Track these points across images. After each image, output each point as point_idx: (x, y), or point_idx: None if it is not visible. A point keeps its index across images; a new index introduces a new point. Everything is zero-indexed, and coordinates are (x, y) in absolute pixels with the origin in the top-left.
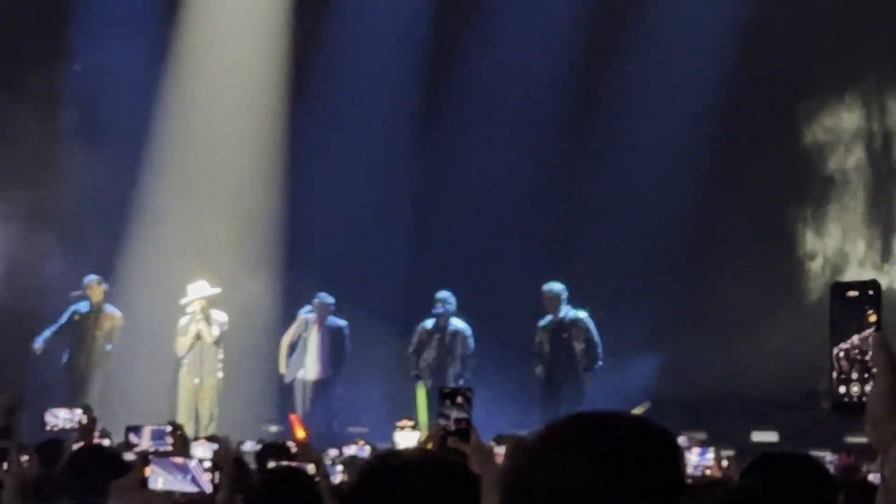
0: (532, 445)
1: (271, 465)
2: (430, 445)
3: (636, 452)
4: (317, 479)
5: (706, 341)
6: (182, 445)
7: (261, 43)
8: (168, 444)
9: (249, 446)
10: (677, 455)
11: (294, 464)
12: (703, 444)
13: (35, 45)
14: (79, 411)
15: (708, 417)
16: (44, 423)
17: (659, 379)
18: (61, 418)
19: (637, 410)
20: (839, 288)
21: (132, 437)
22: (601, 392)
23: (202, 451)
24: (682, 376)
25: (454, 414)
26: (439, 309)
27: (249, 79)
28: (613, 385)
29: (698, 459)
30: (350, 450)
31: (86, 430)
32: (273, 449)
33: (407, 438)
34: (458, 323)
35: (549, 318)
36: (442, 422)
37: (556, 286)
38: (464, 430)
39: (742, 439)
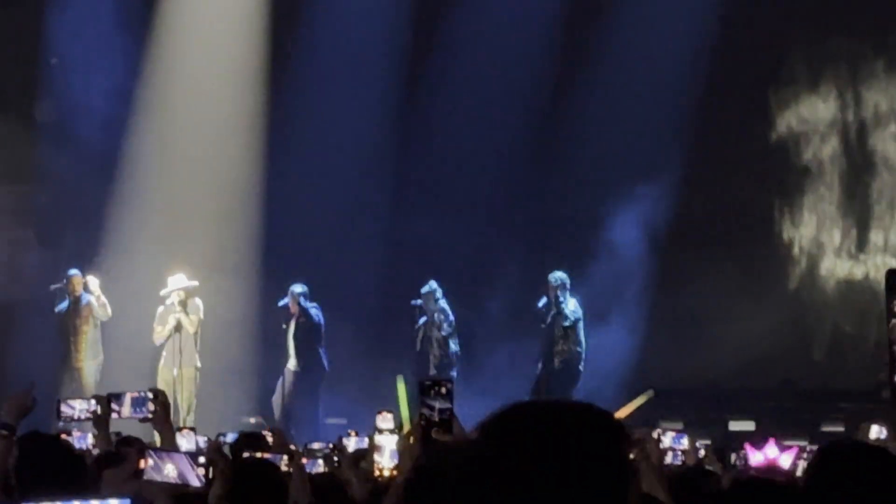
0: (474, 439)
1: (245, 455)
2: (412, 438)
3: (577, 439)
4: (289, 469)
5: (682, 331)
6: (164, 413)
7: (238, 35)
8: (148, 412)
9: (231, 438)
10: (619, 438)
11: (267, 455)
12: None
13: (12, 38)
14: (93, 402)
15: (685, 407)
16: (59, 414)
17: (636, 369)
18: (77, 409)
19: (640, 399)
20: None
21: (114, 405)
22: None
23: (186, 442)
24: (658, 367)
25: (438, 404)
26: (418, 301)
27: (227, 71)
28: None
29: (672, 443)
30: (350, 442)
31: (100, 421)
32: (249, 439)
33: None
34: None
35: (547, 302)
36: (426, 412)
37: (561, 274)
38: (446, 421)
39: (720, 428)
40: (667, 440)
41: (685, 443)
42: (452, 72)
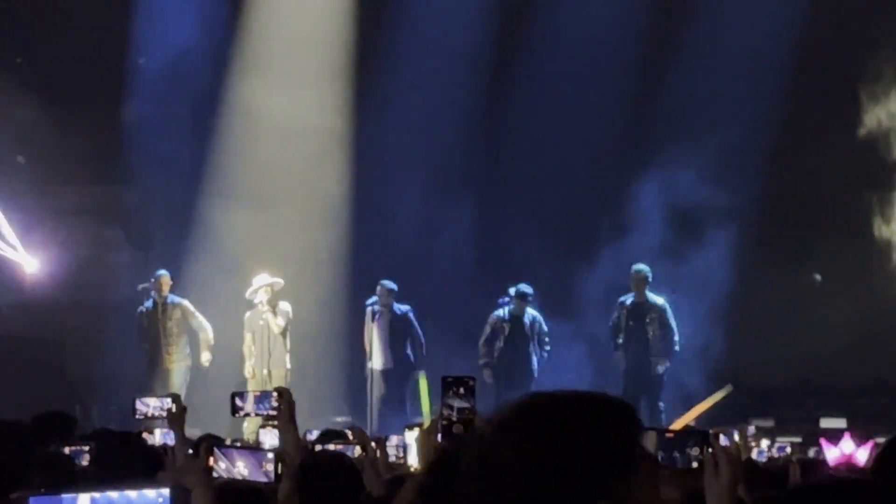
0: (486, 430)
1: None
2: (432, 435)
3: (584, 429)
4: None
5: (774, 328)
6: (288, 412)
7: (325, 29)
8: (270, 409)
9: (314, 435)
10: (630, 427)
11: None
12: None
13: (100, 38)
14: (168, 400)
15: (776, 405)
16: (134, 411)
17: (727, 367)
18: (151, 406)
19: (719, 394)
20: None
21: (238, 402)
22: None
23: (270, 438)
24: (750, 364)
25: (457, 403)
26: (505, 299)
27: (314, 72)
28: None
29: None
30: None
31: (174, 419)
32: (330, 436)
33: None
34: (533, 312)
35: (631, 297)
36: (445, 412)
37: (644, 267)
38: (467, 420)
39: (810, 426)
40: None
41: (736, 438)
42: (539, 72)
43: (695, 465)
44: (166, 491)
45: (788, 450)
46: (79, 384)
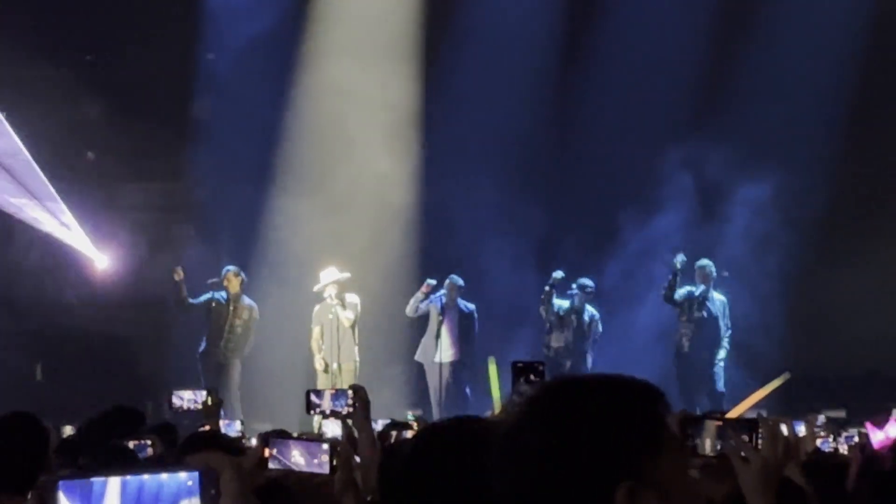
0: (512, 415)
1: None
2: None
3: (615, 410)
4: None
5: (846, 318)
6: (363, 409)
7: (392, 31)
8: (346, 407)
9: (380, 426)
10: (660, 408)
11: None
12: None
13: (169, 34)
14: (203, 393)
15: (847, 395)
16: (170, 404)
17: (799, 357)
18: (186, 399)
19: (776, 382)
20: None
21: (314, 399)
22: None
23: (332, 428)
24: (820, 354)
25: (528, 390)
26: (575, 297)
27: (382, 66)
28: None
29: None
30: None
31: (210, 412)
32: (396, 427)
33: None
34: (591, 309)
35: (701, 287)
36: (516, 398)
37: (709, 262)
38: None
39: (884, 416)
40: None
41: (802, 430)
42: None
43: (742, 454)
44: (196, 474)
45: (856, 439)
46: (149, 380)
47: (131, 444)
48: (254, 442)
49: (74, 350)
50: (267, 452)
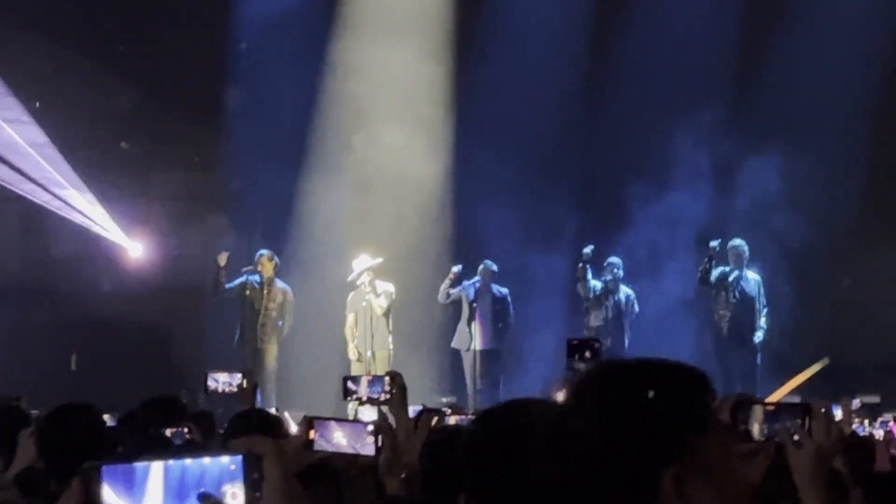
0: (560, 402)
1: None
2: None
3: (660, 393)
4: None
5: (881, 303)
6: (400, 395)
7: (424, 12)
8: (384, 393)
9: (412, 412)
10: (705, 392)
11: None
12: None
13: (201, 23)
14: (238, 375)
15: (882, 380)
16: (205, 387)
17: (832, 341)
18: (221, 382)
19: (816, 367)
20: None
21: (351, 385)
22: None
23: (368, 414)
24: (855, 340)
25: (583, 368)
26: (608, 276)
27: (415, 57)
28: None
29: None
30: None
31: (246, 395)
32: (429, 413)
33: None
34: (626, 289)
35: (735, 272)
36: (569, 376)
37: (742, 242)
38: None
39: None
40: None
41: (838, 413)
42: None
43: (795, 437)
44: (239, 458)
45: (891, 424)
46: (185, 369)
47: (168, 433)
48: (293, 429)
49: (109, 340)
50: (311, 434)
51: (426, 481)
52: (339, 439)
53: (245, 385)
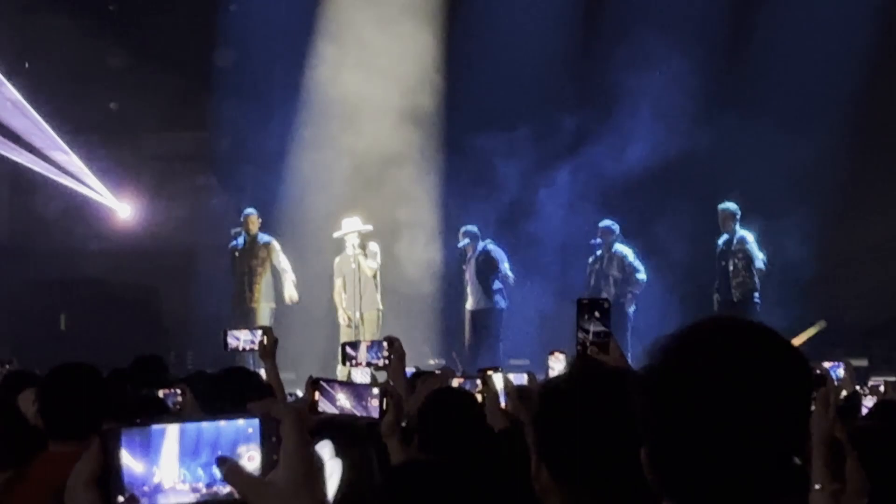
0: (671, 346)
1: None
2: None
3: (767, 362)
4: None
5: (872, 269)
6: (399, 361)
7: None
8: (383, 358)
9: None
10: (803, 363)
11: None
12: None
13: None
14: (259, 332)
15: (870, 344)
16: (225, 345)
17: (821, 304)
18: (242, 339)
19: (812, 330)
20: None
21: (350, 351)
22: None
23: (361, 376)
24: (845, 302)
25: (592, 327)
26: (598, 240)
27: (404, 18)
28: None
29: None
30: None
31: (266, 353)
32: (423, 376)
33: (558, 363)
34: (618, 247)
35: (724, 236)
36: (580, 335)
37: (731, 205)
38: (604, 344)
39: None
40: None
41: (841, 372)
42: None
43: None
44: (256, 421)
45: (882, 388)
46: (173, 329)
47: (161, 394)
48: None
49: (97, 300)
50: (317, 395)
51: (426, 440)
52: (342, 401)
53: (266, 342)
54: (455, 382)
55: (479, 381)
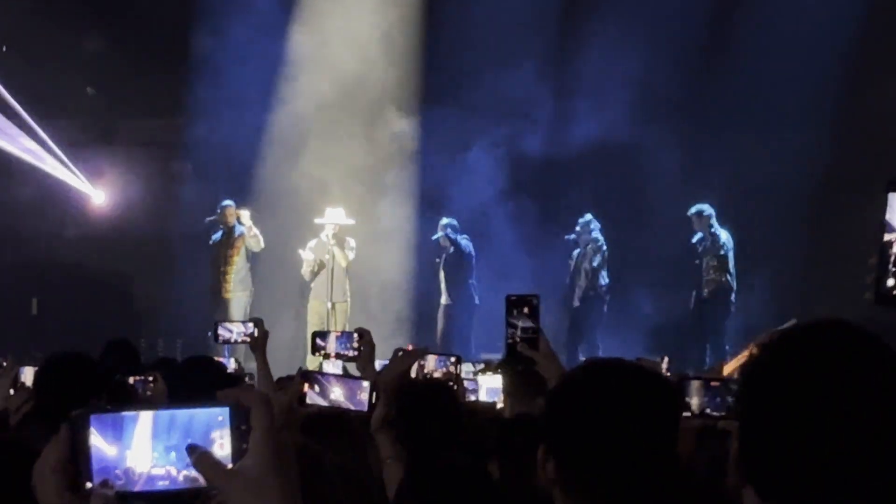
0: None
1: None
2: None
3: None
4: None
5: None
6: (368, 352)
7: None
8: (352, 349)
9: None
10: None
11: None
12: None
13: None
14: (251, 325)
15: None
16: (216, 337)
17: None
18: (234, 332)
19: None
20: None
21: (319, 341)
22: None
23: (332, 368)
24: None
25: (521, 323)
26: (572, 235)
27: (383, 7)
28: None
29: None
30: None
31: (257, 345)
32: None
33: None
34: (595, 237)
35: (699, 235)
36: (509, 331)
37: (704, 206)
38: (532, 340)
39: None
40: None
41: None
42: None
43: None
44: (226, 409)
45: None
46: (145, 316)
47: (132, 380)
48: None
49: (70, 285)
50: (305, 388)
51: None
52: (336, 394)
53: (257, 334)
54: (430, 359)
55: (451, 359)
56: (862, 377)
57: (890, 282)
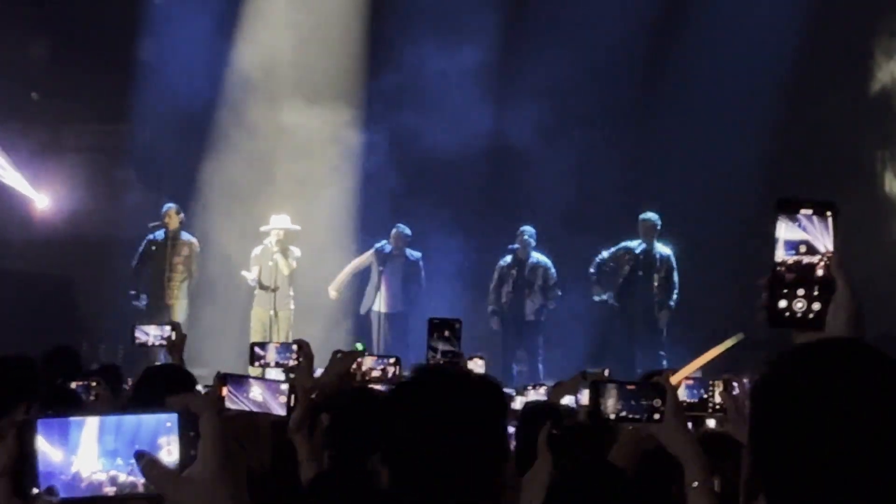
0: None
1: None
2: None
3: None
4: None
5: None
6: (307, 364)
7: None
8: (292, 360)
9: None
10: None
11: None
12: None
13: None
14: (168, 328)
15: None
16: (133, 339)
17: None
18: (151, 335)
19: (729, 342)
20: (788, 206)
21: (258, 350)
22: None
23: (275, 375)
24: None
25: (441, 346)
26: (516, 245)
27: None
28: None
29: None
30: None
31: (174, 348)
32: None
33: (478, 368)
34: (538, 256)
35: (641, 244)
36: (429, 354)
37: (654, 215)
38: (452, 363)
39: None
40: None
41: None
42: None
43: (656, 416)
44: (174, 415)
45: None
46: (87, 322)
47: (74, 385)
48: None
49: (11, 289)
50: (224, 391)
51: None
52: (256, 397)
53: (174, 338)
54: (368, 360)
55: (391, 360)
56: (874, 394)
57: (782, 303)
